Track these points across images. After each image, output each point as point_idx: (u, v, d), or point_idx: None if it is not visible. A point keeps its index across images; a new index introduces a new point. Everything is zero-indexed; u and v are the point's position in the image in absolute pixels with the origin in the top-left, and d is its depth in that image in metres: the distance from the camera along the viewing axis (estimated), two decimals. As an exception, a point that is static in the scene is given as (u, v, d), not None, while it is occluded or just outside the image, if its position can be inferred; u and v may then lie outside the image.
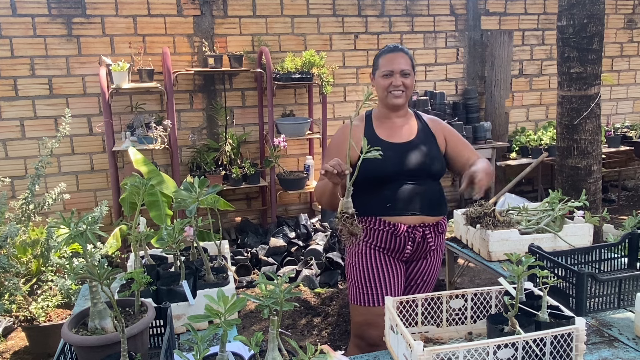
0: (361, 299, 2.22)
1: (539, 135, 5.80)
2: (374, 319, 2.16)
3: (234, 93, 5.13)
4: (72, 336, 1.42)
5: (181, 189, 1.93)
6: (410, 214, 2.17)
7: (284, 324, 3.51)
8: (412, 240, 2.18)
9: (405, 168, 2.19)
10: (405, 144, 2.23)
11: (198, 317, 1.25)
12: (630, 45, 6.57)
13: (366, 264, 2.21)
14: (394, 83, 2.19)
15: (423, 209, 2.20)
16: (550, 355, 1.43)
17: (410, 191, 2.18)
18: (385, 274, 2.20)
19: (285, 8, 5.17)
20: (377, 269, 2.20)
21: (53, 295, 3.14)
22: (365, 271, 2.21)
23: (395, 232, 2.17)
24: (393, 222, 2.17)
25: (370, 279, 2.20)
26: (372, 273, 2.20)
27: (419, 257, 2.27)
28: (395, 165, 2.17)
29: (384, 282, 2.19)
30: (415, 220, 2.18)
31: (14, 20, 4.45)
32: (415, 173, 2.20)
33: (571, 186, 3.73)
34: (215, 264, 2.08)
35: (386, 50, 2.27)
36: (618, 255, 2.27)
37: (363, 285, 2.21)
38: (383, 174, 2.15)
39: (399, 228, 2.16)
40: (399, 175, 2.18)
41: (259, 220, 5.31)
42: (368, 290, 2.21)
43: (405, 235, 2.17)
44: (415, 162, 2.20)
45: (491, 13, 5.93)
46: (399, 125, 2.28)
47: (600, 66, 3.71)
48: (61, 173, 4.73)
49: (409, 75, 2.21)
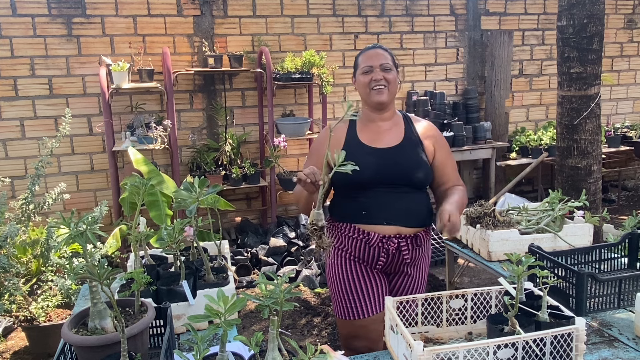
0: (344, 312, 2.12)
1: (539, 135, 5.80)
2: (359, 332, 2.10)
3: (234, 93, 5.13)
4: (72, 336, 1.42)
5: (181, 189, 1.92)
6: (385, 223, 2.04)
7: (284, 324, 3.51)
8: (386, 251, 2.05)
9: (384, 175, 2.04)
10: (388, 149, 2.09)
11: (198, 317, 1.25)
12: (630, 45, 6.57)
13: (345, 276, 2.11)
14: (375, 77, 2.06)
15: (399, 219, 2.05)
16: (550, 355, 1.43)
17: (387, 199, 2.05)
18: (365, 286, 2.09)
19: (285, 8, 5.17)
20: (357, 281, 2.09)
21: (53, 295, 3.14)
22: (345, 284, 2.11)
23: (368, 241, 2.05)
24: (367, 230, 2.05)
25: (351, 292, 2.10)
26: (352, 285, 2.09)
27: (397, 270, 2.14)
28: (373, 172, 2.03)
29: (366, 294, 2.09)
30: (390, 231, 2.04)
31: (14, 20, 4.45)
32: (395, 181, 2.06)
33: (571, 186, 3.73)
34: (215, 264, 2.08)
35: (365, 49, 2.17)
36: (618, 255, 2.27)
37: (345, 298, 2.11)
38: (359, 180, 2.00)
39: (372, 237, 2.04)
40: (377, 182, 2.04)
41: (259, 220, 5.31)
42: (350, 304, 2.10)
43: (378, 246, 2.04)
44: (396, 170, 2.06)
45: (491, 13, 5.93)
46: (384, 130, 2.13)
47: (600, 66, 3.71)
48: (61, 173, 4.73)
49: (390, 70, 2.08)
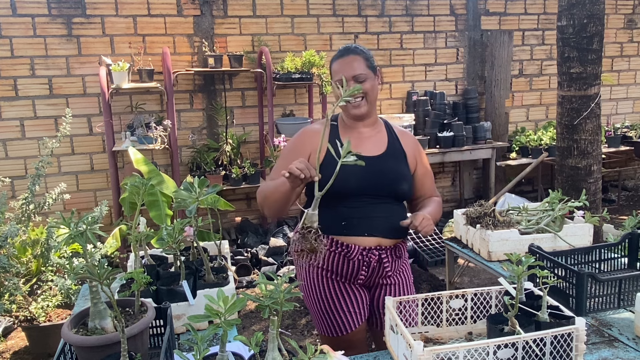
0: (325, 329, 2.04)
1: (539, 135, 5.80)
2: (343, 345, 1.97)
3: (234, 93, 5.13)
4: (72, 336, 1.42)
5: (181, 189, 1.93)
6: (366, 234, 1.95)
7: (284, 324, 3.51)
8: (367, 264, 1.96)
9: (370, 185, 1.94)
10: (372, 158, 1.97)
11: (198, 317, 1.25)
12: (630, 45, 6.57)
13: (323, 294, 2.01)
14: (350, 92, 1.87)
15: (380, 230, 1.97)
16: (550, 355, 1.43)
17: (370, 211, 1.95)
18: (345, 301, 2.00)
19: (285, 8, 5.17)
20: (336, 297, 2.00)
21: (53, 295, 3.14)
22: (323, 302, 2.01)
23: (348, 255, 1.94)
24: (347, 242, 1.94)
25: (331, 310, 2.00)
26: (332, 303, 2.00)
27: (377, 283, 2.06)
28: (359, 181, 1.92)
29: (347, 309, 2.00)
30: (371, 242, 1.96)
31: (14, 20, 4.45)
32: (380, 192, 1.96)
33: (571, 186, 3.73)
34: (215, 264, 2.08)
35: (336, 55, 2.00)
36: (618, 255, 2.27)
37: (325, 316, 2.02)
38: (345, 189, 1.89)
39: (353, 250, 1.94)
40: (362, 192, 1.94)
41: (259, 220, 5.31)
42: (332, 321, 2.01)
43: (359, 259, 1.95)
44: (382, 180, 1.96)
45: (491, 13, 5.93)
46: (367, 137, 2.03)
47: (600, 66, 3.71)
48: (61, 173, 4.73)
49: (365, 80, 1.94)
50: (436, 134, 5.40)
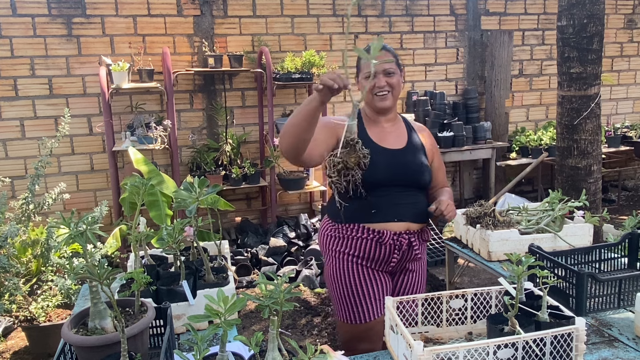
0: (347, 316, 2.09)
1: (539, 135, 5.80)
2: (363, 334, 2.08)
3: (234, 93, 5.13)
4: (72, 336, 1.42)
5: (181, 189, 1.92)
6: (396, 220, 2.05)
7: (284, 324, 3.51)
8: (399, 248, 2.05)
9: (396, 176, 2.05)
10: (397, 150, 2.10)
11: (198, 317, 1.25)
12: (630, 45, 6.57)
13: (349, 280, 2.07)
14: (378, 84, 2.06)
15: (408, 215, 2.08)
16: (550, 355, 1.43)
17: (398, 199, 2.05)
18: (370, 289, 2.07)
19: (285, 8, 5.17)
20: (362, 284, 2.07)
21: (53, 295, 3.14)
22: (349, 288, 2.07)
23: (380, 240, 2.03)
24: (378, 229, 2.03)
25: (356, 296, 2.06)
26: (358, 289, 2.06)
27: (404, 268, 2.16)
28: (386, 172, 2.03)
29: (372, 297, 2.06)
30: (400, 227, 2.06)
31: (14, 20, 4.45)
32: (406, 182, 2.08)
33: (571, 186, 3.73)
34: (215, 264, 2.08)
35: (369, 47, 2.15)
36: (618, 255, 2.27)
37: (348, 302, 2.08)
38: (373, 179, 1.97)
39: (385, 235, 2.03)
40: (389, 183, 2.04)
41: (259, 220, 5.31)
42: (355, 308, 2.07)
43: (391, 243, 2.04)
44: (407, 171, 2.08)
45: (491, 13, 5.93)
46: (389, 131, 2.15)
47: (600, 66, 3.71)
48: (61, 173, 4.73)
49: (393, 74, 2.08)
50: (436, 134, 5.40)
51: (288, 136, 1.87)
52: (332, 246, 2.11)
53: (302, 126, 1.82)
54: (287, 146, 1.89)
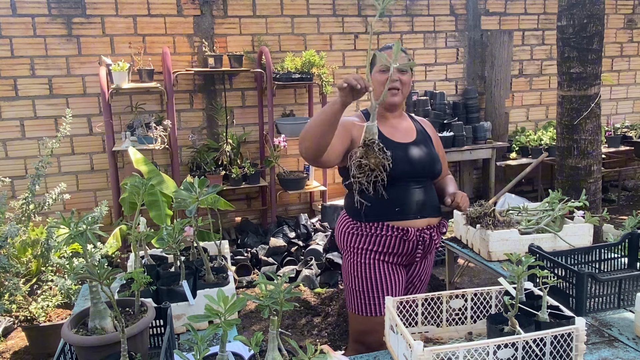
0: (361, 308, 2.16)
1: (539, 135, 5.80)
2: (375, 327, 2.11)
3: (234, 93, 5.13)
4: (72, 336, 1.42)
5: (181, 189, 1.92)
6: (419, 217, 2.13)
7: (284, 324, 3.51)
8: (422, 243, 2.14)
9: (413, 169, 2.13)
10: (409, 144, 2.18)
11: (198, 317, 1.25)
12: (630, 45, 6.57)
13: (368, 274, 2.14)
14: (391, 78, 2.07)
15: (429, 210, 2.17)
16: (550, 355, 1.43)
17: (418, 193, 2.13)
18: (386, 283, 2.14)
19: (285, 8, 5.17)
20: (379, 279, 2.14)
21: (53, 295, 3.14)
22: (366, 282, 2.15)
23: (405, 237, 2.10)
24: (402, 226, 2.10)
25: (371, 289, 2.14)
26: (374, 284, 2.14)
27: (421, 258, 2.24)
28: (403, 165, 2.10)
29: (385, 292, 2.13)
30: (423, 223, 2.15)
31: (14, 20, 4.45)
32: (421, 174, 2.16)
33: (571, 186, 3.73)
34: (215, 264, 2.08)
35: (384, 47, 2.24)
36: (618, 255, 2.27)
37: (364, 295, 2.15)
38: (392, 173, 2.01)
39: (410, 233, 2.10)
40: (406, 176, 2.11)
41: (259, 220, 5.31)
42: (368, 301, 2.15)
43: (415, 239, 2.12)
44: (422, 163, 2.16)
45: (491, 13, 5.93)
46: (397, 126, 2.23)
47: (600, 66, 3.71)
48: (61, 173, 4.73)
49: (406, 72, 2.16)
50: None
51: (309, 139, 1.93)
52: (354, 244, 2.16)
53: (324, 129, 1.90)
54: (308, 149, 1.95)
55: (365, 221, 2.12)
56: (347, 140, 2.09)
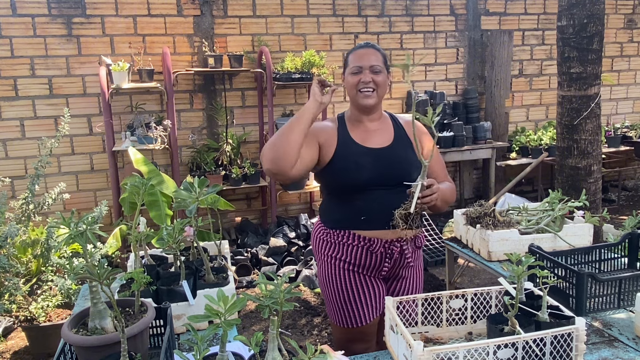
0: (340, 320, 2.06)
1: (539, 135, 5.80)
2: (357, 336, 2.06)
3: (234, 93, 5.13)
4: (72, 336, 1.42)
5: (181, 189, 1.92)
6: (387, 227, 1.94)
7: (284, 324, 3.51)
8: (390, 256, 2.00)
9: (382, 176, 1.97)
10: (382, 149, 2.02)
11: (198, 317, 1.25)
12: (630, 45, 6.57)
13: (341, 285, 2.03)
14: (363, 79, 1.97)
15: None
16: (550, 355, 1.43)
17: (387, 202, 1.93)
18: (362, 295, 2.03)
19: (285, 8, 5.17)
20: (355, 290, 2.02)
21: (53, 295, 3.14)
22: (341, 293, 2.03)
23: (371, 249, 1.98)
24: (369, 237, 1.97)
25: (349, 301, 2.03)
26: (351, 295, 2.02)
27: (397, 275, 2.09)
28: (371, 173, 1.96)
29: (363, 303, 2.03)
30: (392, 235, 1.97)
31: (14, 20, 4.45)
32: (393, 182, 1.97)
33: (571, 186, 3.73)
34: (215, 264, 2.08)
35: (356, 47, 2.07)
36: (618, 255, 2.27)
37: (341, 307, 2.04)
38: (357, 182, 1.94)
39: (375, 243, 1.97)
40: (375, 183, 1.96)
41: (259, 220, 5.31)
42: (347, 312, 2.03)
43: (382, 252, 1.98)
44: (393, 170, 1.99)
45: (491, 13, 5.93)
46: (373, 130, 2.06)
47: (600, 66, 3.71)
48: (61, 173, 4.73)
49: (380, 72, 1.99)
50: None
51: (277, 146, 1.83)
52: (324, 250, 2.07)
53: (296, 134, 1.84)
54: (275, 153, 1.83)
55: (332, 228, 2.03)
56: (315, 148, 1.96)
